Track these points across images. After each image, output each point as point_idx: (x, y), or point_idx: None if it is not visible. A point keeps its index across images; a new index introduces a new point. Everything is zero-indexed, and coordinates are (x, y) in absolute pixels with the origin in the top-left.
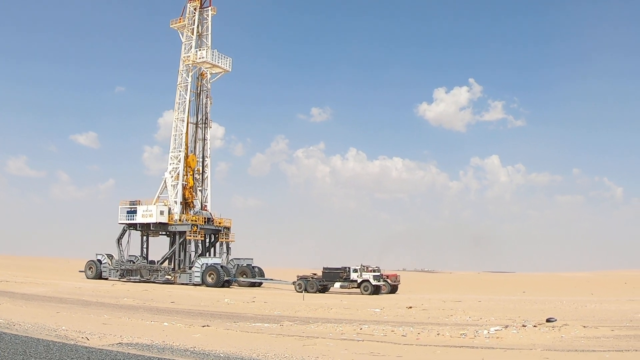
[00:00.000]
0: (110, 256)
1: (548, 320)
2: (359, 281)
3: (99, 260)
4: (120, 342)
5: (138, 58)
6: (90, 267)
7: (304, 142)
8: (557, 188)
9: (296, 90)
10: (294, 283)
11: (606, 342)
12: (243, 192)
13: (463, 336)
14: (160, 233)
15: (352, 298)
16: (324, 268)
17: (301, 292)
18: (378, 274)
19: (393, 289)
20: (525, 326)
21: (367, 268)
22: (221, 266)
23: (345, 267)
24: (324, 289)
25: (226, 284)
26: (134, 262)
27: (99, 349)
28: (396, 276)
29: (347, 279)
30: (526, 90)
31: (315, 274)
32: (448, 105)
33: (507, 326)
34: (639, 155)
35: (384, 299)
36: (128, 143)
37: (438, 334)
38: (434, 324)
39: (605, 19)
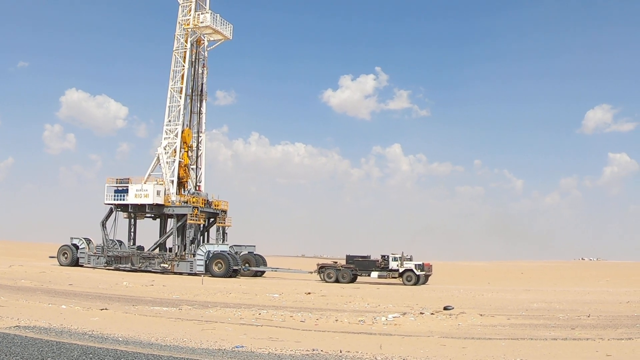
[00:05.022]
0: (88, 240)
1: (445, 308)
2: (400, 271)
3: (75, 245)
4: (18, 324)
5: (42, 35)
6: (65, 253)
7: (208, 125)
8: (458, 179)
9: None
10: (321, 272)
11: (502, 330)
12: (145, 173)
13: (361, 322)
14: (146, 216)
15: (251, 282)
16: (348, 256)
17: (331, 282)
18: (420, 263)
19: (426, 279)
20: (423, 314)
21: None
22: (228, 254)
23: (384, 256)
24: (354, 279)
25: (233, 273)
26: (107, 248)
27: None
28: (430, 266)
29: (386, 268)
30: (433, 82)
31: (336, 262)
32: (353, 93)
33: (405, 313)
34: (540, 152)
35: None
36: (28, 121)
37: (336, 320)
38: (332, 310)
39: (517, 25)
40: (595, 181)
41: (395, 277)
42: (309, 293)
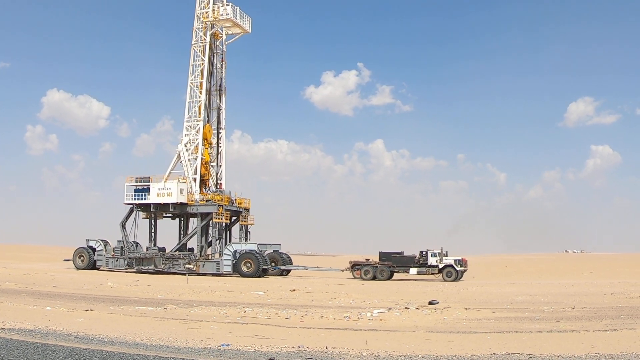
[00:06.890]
0: (105, 242)
1: (430, 303)
2: (440, 267)
3: (92, 248)
4: (2, 327)
5: (22, 35)
6: (81, 256)
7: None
8: (441, 173)
9: (182, 73)
10: (356, 270)
11: (487, 323)
12: (128, 172)
13: (346, 318)
14: (165, 215)
15: (235, 281)
16: (381, 253)
17: (368, 279)
18: (459, 258)
19: (462, 275)
20: (408, 308)
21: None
22: (257, 253)
23: (422, 252)
24: (391, 276)
25: (262, 273)
26: (128, 250)
27: None
28: (466, 261)
29: (425, 264)
30: (416, 77)
31: (368, 259)
32: (335, 89)
33: (390, 309)
34: (523, 146)
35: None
36: (10, 122)
37: (322, 317)
38: (317, 306)
39: (499, 21)
40: (578, 174)
41: (434, 273)
42: (294, 290)
